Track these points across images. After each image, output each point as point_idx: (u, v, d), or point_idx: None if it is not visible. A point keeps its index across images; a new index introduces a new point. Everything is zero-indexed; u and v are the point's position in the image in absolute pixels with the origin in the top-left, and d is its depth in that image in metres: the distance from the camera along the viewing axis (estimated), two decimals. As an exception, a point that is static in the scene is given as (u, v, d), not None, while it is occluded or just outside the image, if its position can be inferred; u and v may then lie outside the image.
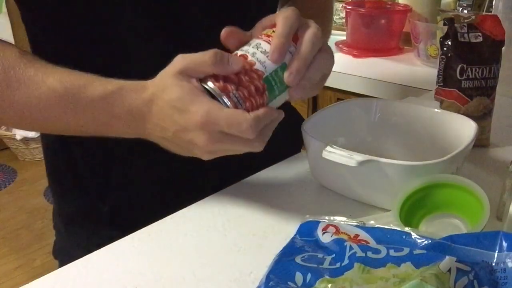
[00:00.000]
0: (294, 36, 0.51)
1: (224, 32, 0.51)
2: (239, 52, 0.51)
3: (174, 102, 0.49)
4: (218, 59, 0.48)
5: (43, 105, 0.51)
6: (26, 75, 0.51)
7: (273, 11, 0.70)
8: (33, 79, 0.51)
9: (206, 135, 0.48)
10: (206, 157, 0.51)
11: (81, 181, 0.68)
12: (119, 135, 0.54)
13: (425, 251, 0.41)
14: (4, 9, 2.67)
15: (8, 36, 2.25)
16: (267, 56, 0.50)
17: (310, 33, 0.51)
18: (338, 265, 0.42)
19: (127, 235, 0.54)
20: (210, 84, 0.49)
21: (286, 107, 0.78)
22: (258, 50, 0.51)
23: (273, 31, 0.52)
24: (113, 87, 0.51)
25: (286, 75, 0.50)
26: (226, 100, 0.48)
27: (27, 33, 0.63)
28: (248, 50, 0.51)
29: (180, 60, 0.49)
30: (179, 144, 0.51)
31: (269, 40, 0.51)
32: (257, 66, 0.50)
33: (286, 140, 0.78)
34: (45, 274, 0.49)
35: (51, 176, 0.72)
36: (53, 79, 0.51)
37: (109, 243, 0.53)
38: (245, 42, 0.53)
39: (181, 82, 0.48)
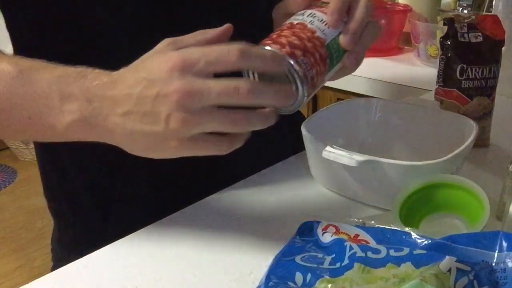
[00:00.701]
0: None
1: None
2: (294, 21, 0.50)
3: (143, 69, 0.43)
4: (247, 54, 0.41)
5: None
6: None
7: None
8: None
9: (178, 79, 0.40)
10: (181, 125, 0.41)
11: (80, 208, 0.67)
12: (66, 134, 0.45)
13: (425, 251, 0.41)
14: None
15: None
16: (325, 24, 0.50)
17: (364, 0, 0.51)
18: (338, 265, 0.43)
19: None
20: (274, 46, 0.45)
21: None
22: (315, 19, 0.50)
23: (323, 2, 0.51)
24: (75, 68, 0.45)
25: (342, 37, 0.50)
26: (294, 64, 0.44)
27: (11, 38, 0.60)
28: (304, 19, 0.50)
29: (176, 54, 0.42)
30: (144, 111, 0.41)
31: (322, 11, 0.51)
32: (318, 33, 0.49)
33: (287, 140, 0.78)
34: (45, 274, 0.49)
35: (47, 195, 0.71)
36: (7, 63, 0.46)
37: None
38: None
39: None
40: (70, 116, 0.44)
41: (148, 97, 0.41)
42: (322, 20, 0.50)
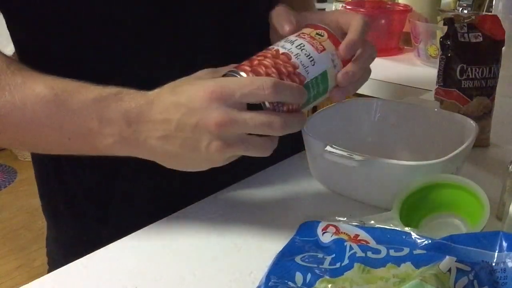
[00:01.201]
0: (335, 41, 0.51)
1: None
2: (281, 50, 0.49)
3: (181, 95, 0.45)
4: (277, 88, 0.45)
5: (27, 111, 0.47)
6: (13, 83, 0.47)
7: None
8: (20, 87, 0.47)
9: (217, 110, 0.43)
10: (219, 151, 0.45)
11: (78, 209, 0.66)
12: (107, 151, 0.48)
13: (425, 251, 0.41)
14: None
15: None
16: (311, 60, 0.49)
17: (370, 48, 0.54)
18: (338, 265, 0.43)
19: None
20: (250, 75, 0.46)
21: None
22: (302, 52, 0.49)
23: (318, 34, 0.50)
24: (110, 90, 0.47)
25: (340, 75, 0.51)
26: (266, 102, 0.46)
27: (12, 39, 0.60)
28: (291, 49, 0.49)
29: (212, 84, 0.44)
30: (185, 137, 0.45)
31: (314, 43, 0.50)
32: (301, 70, 0.48)
33: (286, 140, 0.78)
34: (45, 274, 0.49)
35: (43, 199, 0.71)
36: (43, 86, 0.47)
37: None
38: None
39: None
40: (111, 138, 0.46)
41: (188, 125, 0.44)
42: (309, 56, 0.49)
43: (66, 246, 0.70)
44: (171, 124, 0.45)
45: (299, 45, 0.49)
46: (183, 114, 0.44)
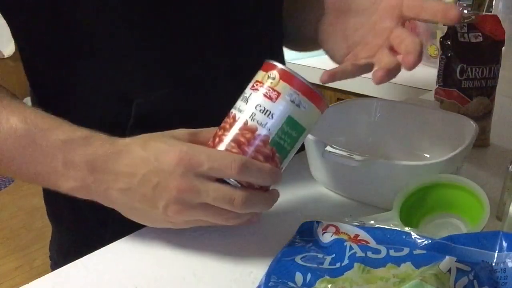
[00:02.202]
0: (288, 78, 0.47)
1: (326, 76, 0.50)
2: (236, 114, 0.47)
3: (151, 151, 0.45)
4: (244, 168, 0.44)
5: (0, 141, 0.47)
6: None
7: (270, 14, 0.69)
8: None
9: (181, 175, 0.43)
10: (176, 214, 0.45)
11: (81, 214, 0.66)
12: (70, 193, 0.48)
13: (425, 251, 0.41)
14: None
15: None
16: (268, 116, 0.46)
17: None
18: (338, 265, 0.43)
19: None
20: None
21: None
22: (257, 110, 0.46)
23: (269, 77, 0.46)
24: (81, 133, 0.47)
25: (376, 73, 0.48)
26: (232, 181, 0.45)
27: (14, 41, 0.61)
28: (245, 111, 0.46)
29: (184, 150, 0.44)
30: (145, 194, 0.45)
31: (267, 93, 0.46)
32: (260, 130, 0.46)
33: None
34: (45, 274, 0.49)
35: (47, 202, 0.71)
36: (17, 118, 0.48)
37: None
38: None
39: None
40: (72, 182, 0.47)
41: (150, 182, 0.44)
42: (264, 111, 0.46)
43: (68, 250, 0.70)
44: (134, 178, 0.45)
45: (253, 101, 0.47)
46: (148, 171, 0.44)
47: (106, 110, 0.59)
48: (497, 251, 0.41)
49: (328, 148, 0.55)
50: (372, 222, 0.48)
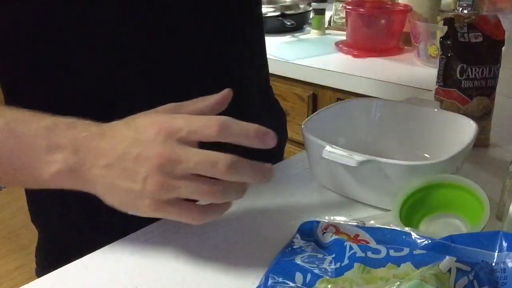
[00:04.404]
0: None
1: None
2: None
3: (132, 126, 0.44)
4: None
5: None
6: None
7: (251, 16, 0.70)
8: None
9: (162, 143, 0.42)
10: (154, 188, 0.42)
11: (71, 217, 0.66)
12: (51, 182, 0.46)
13: (425, 251, 0.41)
14: None
15: None
16: None
17: None
18: (338, 265, 0.43)
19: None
20: None
21: (270, 101, 0.77)
22: None
23: None
24: (64, 119, 0.46)
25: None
26: None
27: None
28: None
29: (162, 119, 0.44)
30: (125, 168, 0.43)
31: None
32: None
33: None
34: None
35: (33, 209, 0.70)
36: None
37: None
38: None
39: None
40: (55, 166, 0.45)
41: (130, 154, 0.42)
42: None
43: (55, 254, 0.69)
44: (115, 153, 0.43)
45: None
46: (129, 144, 0.43)
47: (88, 114, 0.60)
48: (497, 251, 0.41)
49: (328, 148, 0.55)
50: (372, 222, 0.48)
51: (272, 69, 0.83)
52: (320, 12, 1.73)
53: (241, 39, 0.69)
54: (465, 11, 1.41)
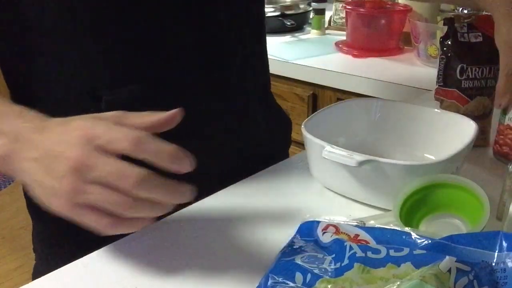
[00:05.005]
0: None
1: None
2: None
3: (64, 126, 0.45)
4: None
5: None
6: None
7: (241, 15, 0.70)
8: None
9: (81, 147, 0.43)
10: (68, 187, 0.42)
11: None
12: None
13: (425, 251, 0.41)
14: None
15: None
16: None
17: None
18: (338, 265, 0.42)
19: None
20: None
21: (273, 109, 0.78)
22: None
23: None
24: (16, 107, 0.48)
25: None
26: None
27: None
28: None
29: (88, 124, 0.44)
30: (48, 164, 0.44)
31: None
32: None
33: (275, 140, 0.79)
34: (37, 271, 0.49)
35: (30, 203, 0.70)
36: None
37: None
38: None
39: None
40: None
41: (54, 151, 0.44)
42: None
43: (51, 240, 0.70)
44: (42, 149, 0.45)
45: None
46: (56, 142, 0.44)
47: (76, 107, 0.60)
48: (497, 251, 0.41)
49: (328, 148, 0.55)
50: (372, 222, 0.48)
51: (272, 69, 0.83)
52: (320, 12, 1.73)
53: (241, 48, 0.69)
54: (465, 11, 1.41)
